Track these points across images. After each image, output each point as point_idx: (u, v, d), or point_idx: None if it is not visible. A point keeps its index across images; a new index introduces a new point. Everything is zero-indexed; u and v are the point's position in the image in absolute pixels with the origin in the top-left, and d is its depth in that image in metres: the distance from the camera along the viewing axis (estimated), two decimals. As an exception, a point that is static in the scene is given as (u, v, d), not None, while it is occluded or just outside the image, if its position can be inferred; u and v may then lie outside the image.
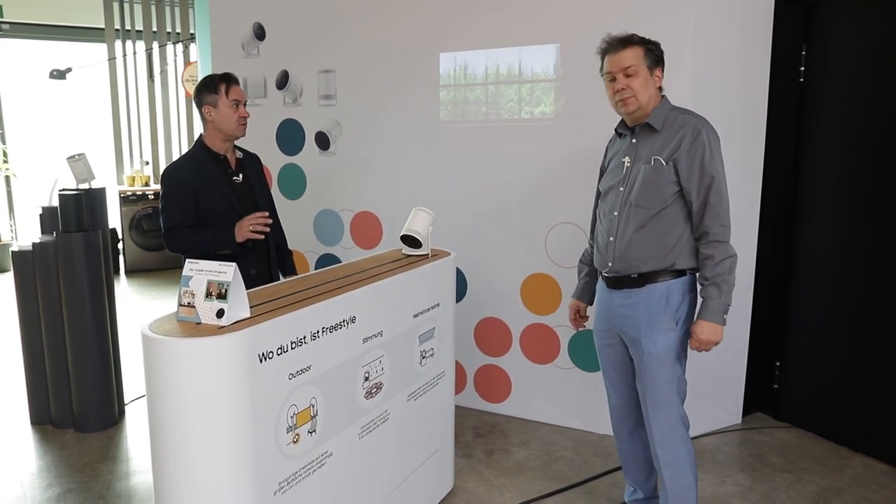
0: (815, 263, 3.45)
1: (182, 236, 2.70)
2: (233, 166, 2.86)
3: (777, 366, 3.67)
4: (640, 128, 2.31)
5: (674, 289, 2.29)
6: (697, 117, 2.26)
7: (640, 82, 2.23)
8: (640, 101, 2.24)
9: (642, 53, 2.23)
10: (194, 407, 1.71)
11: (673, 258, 2.28)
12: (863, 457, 3.27)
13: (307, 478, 2.01)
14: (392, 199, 3.87)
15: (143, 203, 7.46)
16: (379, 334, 2.31)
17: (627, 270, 2.32)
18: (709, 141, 2.21)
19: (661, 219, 2.26)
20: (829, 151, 3.35)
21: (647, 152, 2.27)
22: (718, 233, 2.23)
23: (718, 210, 2.22)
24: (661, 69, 2.29)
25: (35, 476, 3.14)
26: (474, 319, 3.75)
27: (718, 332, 2.25)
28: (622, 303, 2.37)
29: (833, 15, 3.28)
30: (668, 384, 2.32)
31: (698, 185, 2.21)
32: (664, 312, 2.29)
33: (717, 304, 2.23)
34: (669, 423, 2.34)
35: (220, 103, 2.75)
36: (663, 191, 2.24)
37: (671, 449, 2.36)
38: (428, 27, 3.61)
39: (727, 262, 2.22)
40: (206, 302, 1.77)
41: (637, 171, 2.28)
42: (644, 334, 2.31)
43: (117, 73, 7.79)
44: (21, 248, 3.61)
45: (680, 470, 2.36)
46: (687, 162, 2.20)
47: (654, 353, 2.30)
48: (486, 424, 3.66)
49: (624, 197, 2.32)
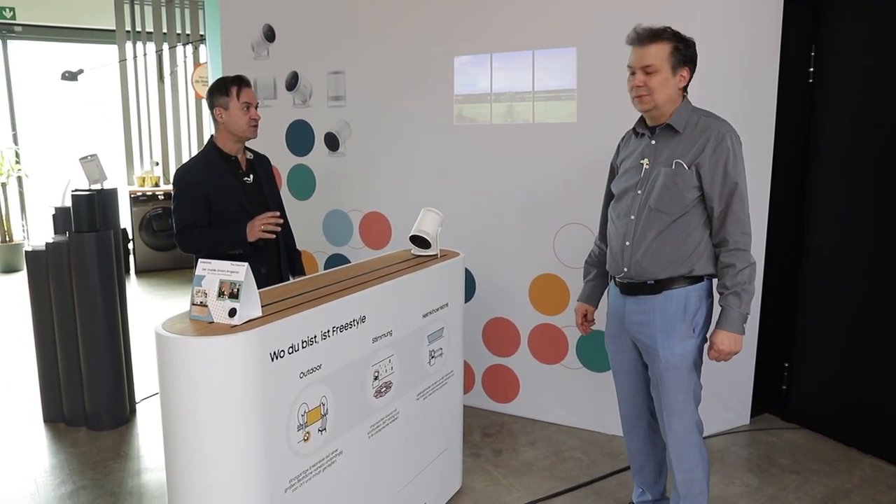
0: (824, 264, 3.44)
1: (194, 236, 2.73)
2: (243, 167, 2.89)
3: (785, 366, 3.66)
4: (661, 129, 2.23)
5: (691, 295, 2.24)
6: (721, 121, 2.20)
7: (659, 81, 2.14)
8: (656, 101, 2.17)
9: (668, 51, 2.14)
10: (207, 405, 1.74)
11: (691, 264, 2.22)
12: (872, 458, 3.26)
13: (317, 476, 2.03)
14: (401, 200, 3.89)
15: (153, 203, 7.51)
16: (388, 334, 2.33)
17: (643, 277, 2.26)
18: (733, 146, 2.15)
19: (681, 224, 2.20)
20: (838, 152, 3.34)
21: (668, 155, 2.20)
22: (740, 241, 2.17)
23: (741, 216, 2.16)
24: (689, 69, 2.20)
25: (48, 473, 3.18)
26: (483, 319, 3.77)
27: (738, 342, 2.20)
28: (637, 310, 2.31)
29: (842, 15, 3.27)
30: (685, 391, 2.28)
31: (721, 190, 2.15)
32: (681, 320, 2.24)
33: (736, 313, 2.18)
34: (685, 431, 2.31)
35: (231, 105, 2.77)
36: (685, 196, 2.17)
37: (685, 456, 2.33)
38: (438, 28, 3.63)
39: (748, 271, 2.17)
40: (219, 301, 1.79)
41: (657, 175, 2.21)
42: (661, 342, 2.26)
43: (128, 74, 7.85)
44: (34, 247, 3.65)
45: (693, 475, 2.34)
46: (710, 167, 2.14)
47: (672, 362, 2.26)
48: (494, 424, 3.67)
49: (642, 200, 2.25)
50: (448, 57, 3.61)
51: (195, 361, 1.72)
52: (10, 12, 7.49)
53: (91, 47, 8.06)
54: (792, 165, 3.48)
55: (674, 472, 2.37)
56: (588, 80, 3.27)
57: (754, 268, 2.20)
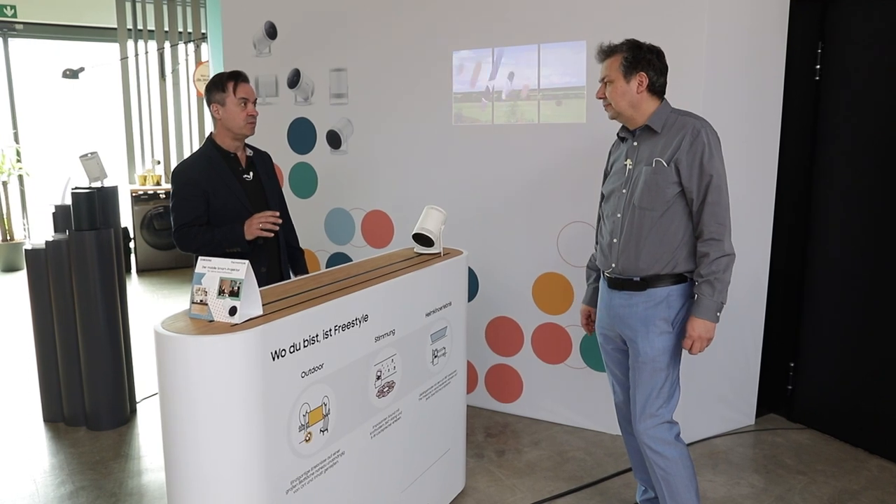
0: (830, 264, 3.41)
1: (191, 235, 2.69)
2: (243, 164, 2.85)
3: (791, 366, 3.64)
4: (641, 130, 2.35)
5: (673, 294, 2.33)
6: (697, 118, 2.30)
7: (615, 91, 2.30)
8: (616, 108, 2.32)
9: (618, 62, 2.29)
10: (207, 404, 1.71)
11: (674, 260, 2.31)
12: (879, 459, 3.23)
13: (319, 476, 2.01)
14: (403, 198, 3.86)
15: (154, 202, 7.49)
16: (391, 333, 2.30)
17: (630, 273, 2.35)
18: (708, 140, 2.23)
19: (664, 220, 2.29)
20: (845, 151, 3.31)
21: (647, 154, 2.31)
22: (715, 231, 2.25)
23: (716, 209, 2.24)
24: (646, 73, 2.28)
25: (48, 473, 3.16)
26: (486, 319, 3.74)
27: (710, 329, 2.26)
28: (622, 303, 2.40)
29: (849, 12, 3.24)
30: (659, 387, 2.35)
31: (698, 183, 2.24)
32: (661, 315, 2.33)
33: (709, 301, 2.24)
34: (655, 426, 2.36)
35: (228, 101, 2.73)
36: (665, 191, 2.27)
37: (658, 451, 2.37)
38: (441, 23, 3.60)
39: (723, 261, 2.24)
40: (219, 299, 1.77)
41: (639, 173, 2.32)
42: (641, 335, 2.35)
43: (129, 72, 7.83)
44: (34, 246, 3.63)
45: (670, 472, 2.37)
46: (687, 162, 2.23)
47: (651, 355, 2.34)
48: (497, 424, 3.64)
49: (626, 199, 2.35)
50: (452, 52, 3.59)
51: (195, 360, 1.70)
52: (12, 10, 7.48)
53: (92, 45, 8.05)
54: (798, 163, 3.46)
55: (652, 468, 2.40)
56: (594, 78, 3.24)
57: (731, 259, 2.26)
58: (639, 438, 2.40)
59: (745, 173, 3.19)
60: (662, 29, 2.98)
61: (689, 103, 2.41)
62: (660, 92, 2.33)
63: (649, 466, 2.41)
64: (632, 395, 2.42)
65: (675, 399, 2.39)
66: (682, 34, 3.04)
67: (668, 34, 2.78)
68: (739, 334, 3.44)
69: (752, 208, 3.32)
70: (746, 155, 3.23)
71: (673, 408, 2.38)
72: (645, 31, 2.61)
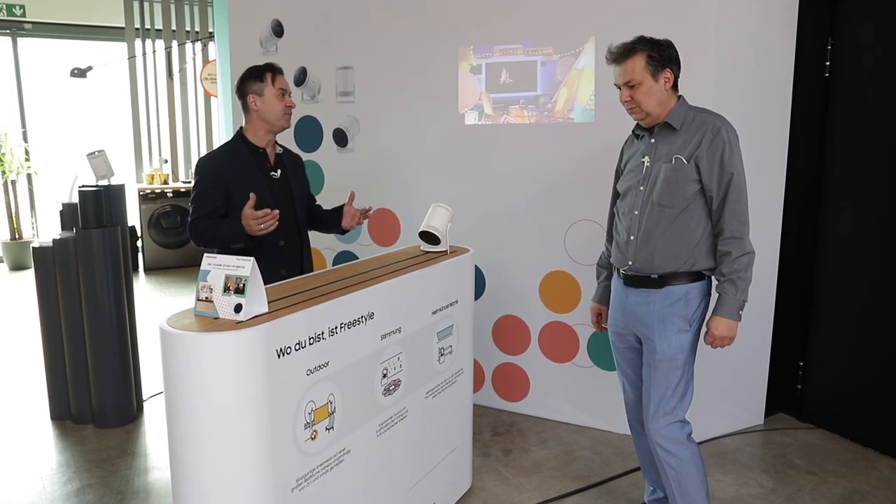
0: (840, 261, 3.38)
1: (202, 228, 2.59)
2: (271, 161, 2.75)
3: (800, 365, 3.61)
4: (659, 127, 2.31)
5: (692, 291, 2.31)
6: (716, 116, 2.27)
7: (644, 92, 2.23)
8: (646, 110, 2.26)
9: (643, 62, 2.22)
10: (212, 402, 1.70)
11: (693, 258, 2.28)
12: (890, 459, 3.20)
13: (325, 475, 2.00)
14: (410, 197, 3.85)
15: (161, 201, 7.51)
16: (397, 331, 2.29)
17: (647, 270, 2.32)
18: (728, 138, 2.22)
19: (683, 217, 2.27)
20: (855, 148, 3.28)
21: (667, 151, 2.28)
22: (736, 229, 2.23)
23: (736, 207, 2.23)
24: (671, 69, 2.25)
25: (55, 471, 3.16)
26: (492, 317, 3.73)
27: (733, 328, 2.26)
28: (638, 301, 2.37)
29: (859, 8, 3.21)
30: (675, 386, 2.33)
31: (718, 181, 2.22)
32: (679, 313, 2.30)
33: (732, 300, 2.24)
34: (668, 424, 2.34)
35: (266, 92, 2.64)
36: (685, 189, 2.24)
37: (670, 451, 2.35)
38: (448, 21, 3.58)
39: (744, 259, 2.23)
40: (224, 297, 1.76)
41: (658, 171, 2.29)
42: (658, 333, 2.32)
43: (137, 71, 7.86)
44: (42, 244, 3.63)
45: (681, 472, 2.35)
46: (708, 159, 2.21)
47: (667, 353, 2.31)
48: (503, 423, 3.63)
49: (645, 196, 2.32)
50: (459, 50, 3.57)
51: (200, 358, 1.69)
52: (20, 10, 7.51)
53: (100, 44, 8.07)
54: (807, 160, 3.43)
55: (663, 468, 2.38)
56: (602, 76, 3.22)
57: (752, 257, 2.26)
58: (650, 438, 2.38)
59: (754, 170, 3.13)
60: (671, 26, 2.96)
61: (699, 100, 2.38)
62: (677, 87, 2.30)
63: (660, 466, 2.39)
64: (645, 393, 2.40)
65: (688, 398, 2.36)
66: (691, 31, 3.02)
67: (677, 31, 2.74)
68: (748, 332, 3.40)
69: (761, 206, 3.28)
70: (756, 152, 3.19)
71: (686, 407, 2.36)
72: (654, 29, 2.58)
